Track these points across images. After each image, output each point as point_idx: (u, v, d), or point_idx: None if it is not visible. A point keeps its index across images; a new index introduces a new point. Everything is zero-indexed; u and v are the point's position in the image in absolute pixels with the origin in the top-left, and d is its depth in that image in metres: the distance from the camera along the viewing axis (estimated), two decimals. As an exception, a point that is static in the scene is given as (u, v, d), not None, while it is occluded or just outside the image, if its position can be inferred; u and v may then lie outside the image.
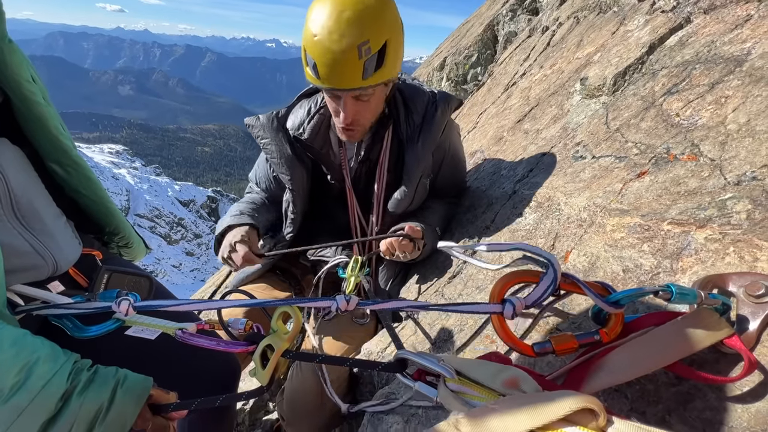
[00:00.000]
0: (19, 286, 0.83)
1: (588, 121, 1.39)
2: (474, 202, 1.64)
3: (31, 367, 0.59)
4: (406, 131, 1.36)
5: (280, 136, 1.36)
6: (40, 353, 0.62)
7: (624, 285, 0.77)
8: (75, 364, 0.65)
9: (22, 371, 0.59)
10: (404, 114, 1.37)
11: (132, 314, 0.79)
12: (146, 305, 0.79)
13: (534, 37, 3.31)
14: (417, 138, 1.34)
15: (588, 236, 0.93)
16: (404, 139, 1.36)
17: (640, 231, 0.80)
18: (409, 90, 1.39)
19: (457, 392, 0.55)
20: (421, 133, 1.34)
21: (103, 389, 0.64)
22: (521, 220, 1.25)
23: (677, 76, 1.14)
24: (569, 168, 1.25)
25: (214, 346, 0.77)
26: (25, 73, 0.83)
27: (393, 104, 1.38)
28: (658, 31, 1.48)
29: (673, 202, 0.79)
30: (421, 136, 1.34)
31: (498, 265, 0.96)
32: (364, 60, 1.06)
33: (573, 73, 1.88)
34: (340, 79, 1.09)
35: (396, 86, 1.42)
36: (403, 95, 1.39)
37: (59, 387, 0.60)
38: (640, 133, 1.07)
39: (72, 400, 0.61)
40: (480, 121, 2.78)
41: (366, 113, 1.21)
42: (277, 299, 0.73)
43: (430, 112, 1.35)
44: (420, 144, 1.34)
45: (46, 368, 0.61)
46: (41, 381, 0.59)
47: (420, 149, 1.34)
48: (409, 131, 1.36)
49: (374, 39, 1.06)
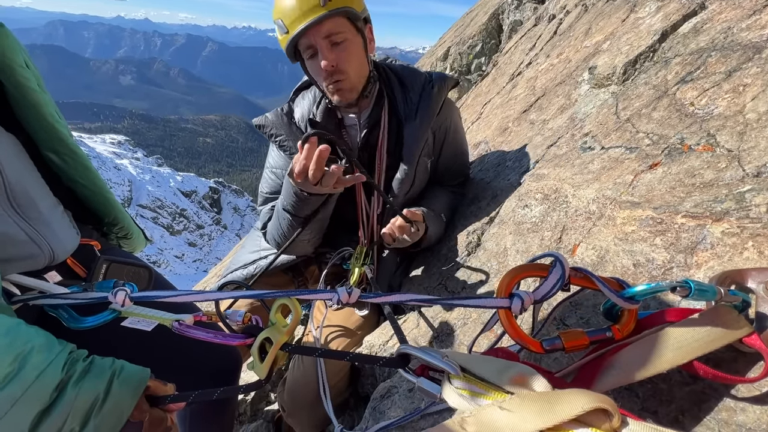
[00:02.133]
0: (15, 275, 0.82)
1: (597, 111, 1.36)
2: (478, 194, 1.61)
3: (25, 356, 0.58)
4: (404, 110, 1.36)
5: (294, 130, 1.34)
6: (35, 343, 0.61)
7: (635, 279, 0.74)
8: (70, 354, 0.64)
9: (16, 361, 0.58)
10: (401, 93, 1.37)
11: (129, 305, 0.77)
12: (143, 296, 0.77)
13: (540, 25, 3.24)
14: (415, 115, 1.34)
15: (597, 229, 0.90)
16: (402, 118, 1.36)
17: (652, 224, 0.77)
18: (404, 71, 1.40)
19: (462, 389, 0.53)
20: (419, 110, 1.34)
21: (99, 380, 0.63)
22: (527, 213, 1.22)
23: (691, 64, 1.10)
24: (577, 159, 1.21)
25: (211, 339, 0.76)
26: (18, 59, 0.81)
27: (388, 84, 1.37)
28: (671, 17, 1.43)
29: (687, 195, 0.76)
30: (419, 113, 1.34)
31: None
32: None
33: (581, 62, 1.84)
34: (302, 13, 1.11)
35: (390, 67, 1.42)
36: (398, 75, 1.39)
37: (54, 377, 0.59)
38: (652, 123, 1.03)
39: (67, 391, 0.60)
40: (484, 111, 2.74)
41: (346, 58, 1.20)
42: (275, 291, 0.71)
43: (427, 89, 1.35)
44: (418, 121, 1.33)
45: (40, 358, 0.60)
46: (35, 371, 0.58)
47: (418, 126, 1.33)
48: (407, 110, 1.35)
49: None
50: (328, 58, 1.16)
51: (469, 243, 1.39)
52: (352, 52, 1.20)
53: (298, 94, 1.43)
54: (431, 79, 1.37)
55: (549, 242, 1.04)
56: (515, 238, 1.19)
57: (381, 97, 1.36)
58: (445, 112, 1.40)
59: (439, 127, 1.40)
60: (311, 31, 1.14)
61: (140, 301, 0.78)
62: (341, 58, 1.18)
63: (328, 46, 1.16)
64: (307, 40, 1.16)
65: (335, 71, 1.19)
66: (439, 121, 1.38)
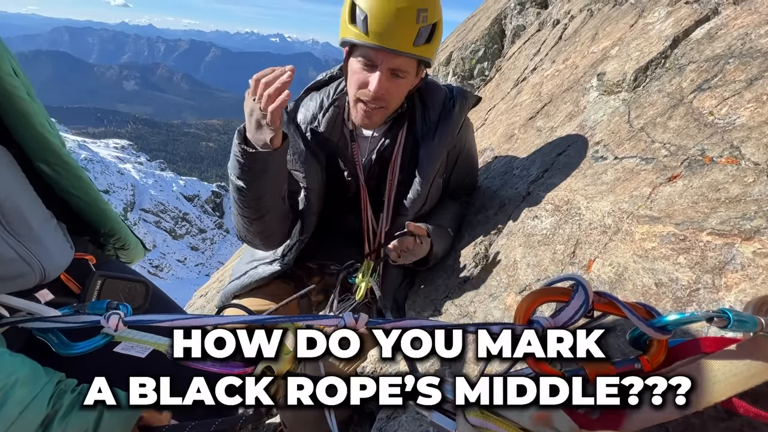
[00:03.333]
0: (3, 296, 0.78)
1: (608, 119, 1.32)
2: (485, 203, 1.57)
3: (7, 391, 0.54)
4: (422, 128, 1.32)
5: (293, 131, 1.29)
6: (19, 375, 0.57)
7: (658, 300, 0.70)
8: (58, 385, 0.60)
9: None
10: (420, 110, 1.33)
11: (122, 329, 0.74)
12: (137, 320, 0.73)
13: (544, 30, 3.21)
14: (433, 135, 1.30)
15: (614, 244, 0.86)
16: (419, 136, 1.32)
17: (674, 241, 0.73)
18: (426, 86, 1.35)
19: (480, 427, 0.49)
20: (438, 129, 1.30)
21: (88, 413, 0.59)
22: (537, 224, 1.18)
23: (708, 72, 1.06)
24: (589, 169, 1.18)
25: (208, 368, 0.72)
26: (5, 66, 0.78)
27: (410, 101, 1.33)
28: (683, 23, 1.39)
29: (712, 210, 0.72)
30: (437, 132, 1.30)
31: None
32: (420, 26, 1.06)
33: (588, 68, 1.80)
34: (393, 37, 1.06)
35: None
36: (419, 92, 1.35)
37: (38, 413, 0.56)
38: (669, 132, 0.99)
39: (53, 427, 0.56)
40: (489, 117, 2.70)
41: (395, 93, 1.18)
42: (278, 316, 0.67)
43: (447, 108, 1.31)
44: (436, 141, 1.30)
45: (24, 392, 0.56)
46: (18, 407, 0.54)
47: (436, 146, 1.30)
48: (425, 129, 1.32)
49: (431, 11, 1.08)
50: (382, 86, 1.13)
51: (477, 254, 1.35)
52: (402, 89, 1.20)
53: (308, 94, 1.39)
54: (452, 95, 1.33)
55: (562, 256, 1.00)
56: (525, 250, 1.15)
57: (402, 116, 1.32)
58: (462, 132, 1.36)
59: (454, 146, 1.36)
60: (386, 56, 1.10)
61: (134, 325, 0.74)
62: (390, 92, 1.17)
63: (388, 75, 1.13)
64: (375, 55, 1.11)
65: (379, 98, 1.17)
66: (455, 140, 1.35)
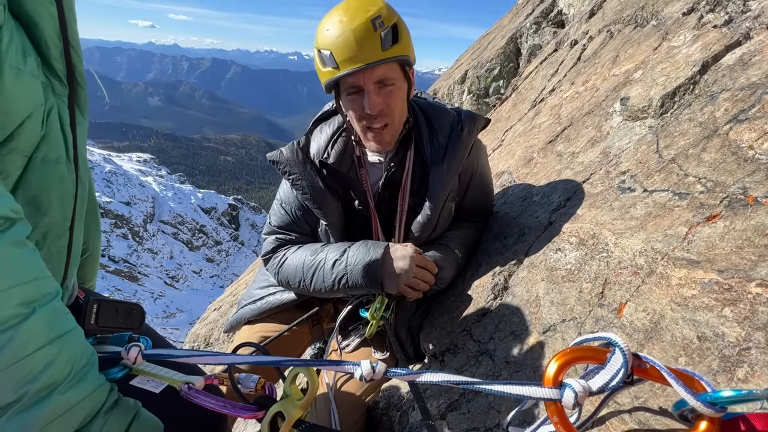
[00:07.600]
0: None
1: (634, 147, 1.26)
2: (503, 230, 1.52)
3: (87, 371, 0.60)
4: (431, 152, 1.30)
5: (308, 168, 1.29)
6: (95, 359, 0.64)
7: (702, 356, 0.64)
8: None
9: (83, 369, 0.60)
10: (428, 134, 1.31)
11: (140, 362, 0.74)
12: (156, 353, 0.74)
13: (561, 50, 3.18)
14: (442, 159, 1.28)
15: (647, 288, 0.80)
16: (428, 161, 1.30)
17: (718, 290, 0.67)
18: (432, 109, 1.34)
19: None
20: (447, 153, 1.28)
21: (124, 416, 0.63)
22: (561, 258, 1.13)
23: (744, 101, 1.01)
24: (615, 201, 1.12)
25: (220, 409, 0.70)
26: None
27: (416, 124, 1.32)
28: (711, 48, 1.34)
29: (760, 258, 0.66)
30: (446, 156, 1.27)
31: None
32: (380, 32, 1.07)
33: (610, 91, 1.75)
34: (360, 54, 1.07)
35: (418, 104, 1.36)
36: (426, 115, 1.33)
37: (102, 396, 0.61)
38: (703, 166, 0.94)
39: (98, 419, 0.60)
40: (506, 138, 2.66)
41: (392, 104, 1.16)
42: (293, 359, 0.64)
43: (456, 131, 1.29)
44: (445, 165, 1.27)
45: (97, 375, 0.62)
46: (93, 385, 0.60)
47: (445, 171, 1.27)
48: (434, 152, 1.29)
49: (385, 16, 1.08)
50: (375, 102, 1.12)
51: (496, 285, 1.30)
52: (398, 98, 1.17)
53: (317, 126, 1.39)
54: (460, 119, 1.31)
55: (589, 296, 0.94)
56: (548, 286, 1.10)
57: (408, 137, 1.31)
58: (473, 155, 1.34)
59: (465, 169, 1.34)
60: (365, 74, 1.09)
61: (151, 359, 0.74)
62: (387, 103, 1.15)
63: (376, 90, 1.12)
64: (355, 80, 1.11)
65: (380, 114, 1.15)
66: (466, 163, 1.32)
